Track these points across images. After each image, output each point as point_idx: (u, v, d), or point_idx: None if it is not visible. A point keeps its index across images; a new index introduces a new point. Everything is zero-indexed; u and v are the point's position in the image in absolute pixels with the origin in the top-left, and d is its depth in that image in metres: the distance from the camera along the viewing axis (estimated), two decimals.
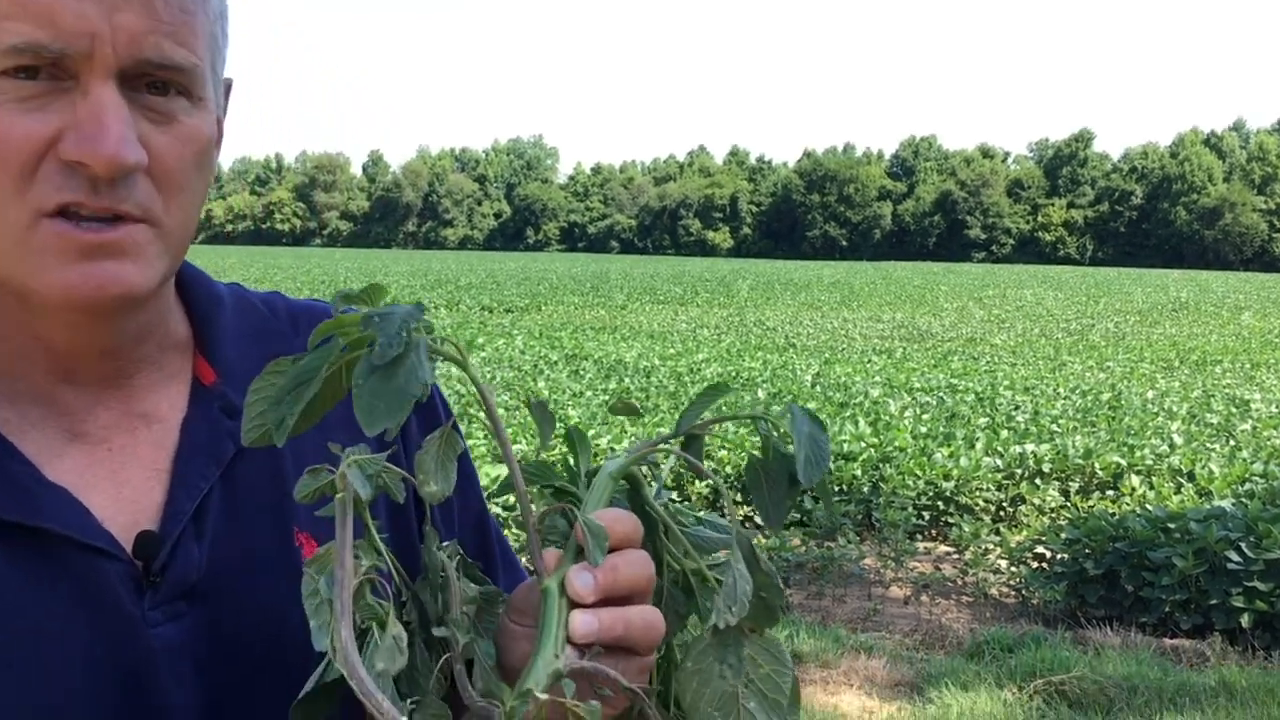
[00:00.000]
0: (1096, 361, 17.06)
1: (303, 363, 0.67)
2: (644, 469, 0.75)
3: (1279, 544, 5.83)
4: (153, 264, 0.78)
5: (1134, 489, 7.93)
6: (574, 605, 0.69)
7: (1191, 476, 8.30)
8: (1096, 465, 8.36)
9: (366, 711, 0.67)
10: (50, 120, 0.73)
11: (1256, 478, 8.06)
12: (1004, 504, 7.97)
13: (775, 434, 0.70)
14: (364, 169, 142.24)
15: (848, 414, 10.43)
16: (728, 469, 7.71)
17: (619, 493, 0.75)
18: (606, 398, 11.00)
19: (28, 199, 0.73)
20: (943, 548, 7.42)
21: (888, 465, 8.06)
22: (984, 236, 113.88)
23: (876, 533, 7.29)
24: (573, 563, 0.70)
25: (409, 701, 0.65)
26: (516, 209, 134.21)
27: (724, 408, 0.74)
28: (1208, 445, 9.39)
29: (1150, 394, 12.86)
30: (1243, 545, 5.87)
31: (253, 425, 0.70)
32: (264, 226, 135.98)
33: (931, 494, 7.78)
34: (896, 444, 8.75)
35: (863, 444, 8.65)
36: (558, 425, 0.71)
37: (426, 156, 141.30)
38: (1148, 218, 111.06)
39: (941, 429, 9.78)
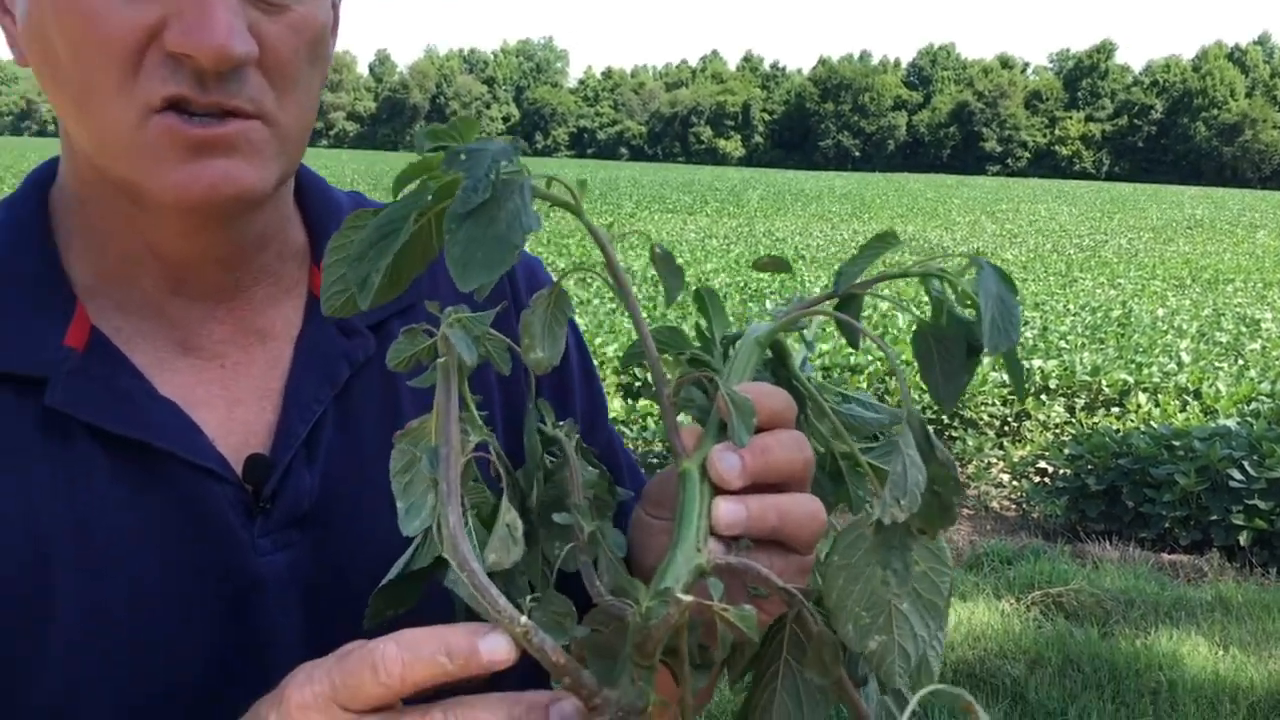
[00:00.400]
0: (1108, 278, 16.93)
1: (386, 212, 0.58)
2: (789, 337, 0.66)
3: None
4: (268, 164, 0.72)
5: (1140, 406, 7.93)
6: (718, 491, 0.60)
7: (1198, 395, 8.29)
8: (1103, 382, 8.33)
9: (459, 608, 0.60)
10: (152, 8, 0.68)
11: (1263, 397, 8.04)
12: (1008, 419, 7.96)
13: (951, 295, 0.60)
14: (370, 69, 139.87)
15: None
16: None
17: (761, 365, 0.65)
18: (613, 307, 10.89)
19: (134, 94, 0.68)
20: None
21: (893, 379, 8.02)
22: (999, 149, 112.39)
23: None
24: (715, 442, 0.61)
25: (528, 599, 0.57)
26: (525, 113, 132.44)
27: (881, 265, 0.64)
28: (1216, 364, 9.37)
29: (1160, 312, 12.78)
30: (1245, 464, 5.89)
31: (333, 291, 0.61)
32: None
33: (936, 408, 7.76)
34: (903, 358, 8.72)
35: (869, 358, 8.59)
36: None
37: (434, 57, 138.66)
38: (1167, 133, 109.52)
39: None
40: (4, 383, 0.73)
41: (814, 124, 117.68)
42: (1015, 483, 6.71)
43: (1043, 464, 6.70)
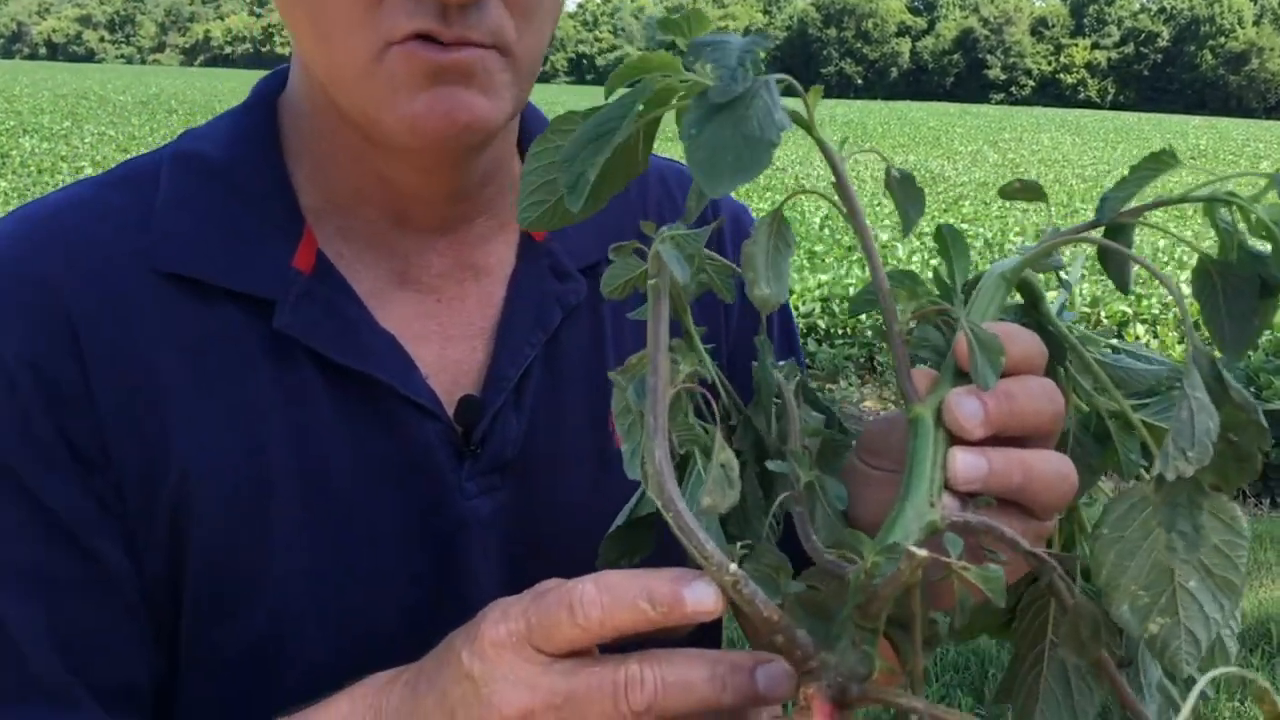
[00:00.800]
0: None
1: (602, 111, 0.52)
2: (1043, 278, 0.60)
3: (1279, 395, 5.86)
4: (502, 94, 0.69)
5: (1138, 338, 7.92)
6: (955, 441, 0.54)
7: (1197, 326, 8.28)
8: (1103, 313, 8.31)
9: (687, 554, 0.56)
10: None
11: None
12: None
13: (1242, 225, 0.52)
14: None
15: (854, 257, 10.29)
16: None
17: (1007, 310, 0.59)
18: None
19: (377, 26, 0.65)
20: None
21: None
22: (1004, 77, 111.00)
23: (878, 376, 7.29)
24: (952, 386, 0.55)
25: (739, 546, 0.52)
26: None
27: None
28: None
29: (1161, 243, 12.74)
30: None
31: (530, 201, 0.55)
32: (264, 50, 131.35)
33: None
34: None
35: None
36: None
37: None
38: (1173, 61, 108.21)
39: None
40: (233, 301, 0.71)
41: (816, 50, 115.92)
42: None
43: None
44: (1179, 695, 0.57)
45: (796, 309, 7.04)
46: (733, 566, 0.49)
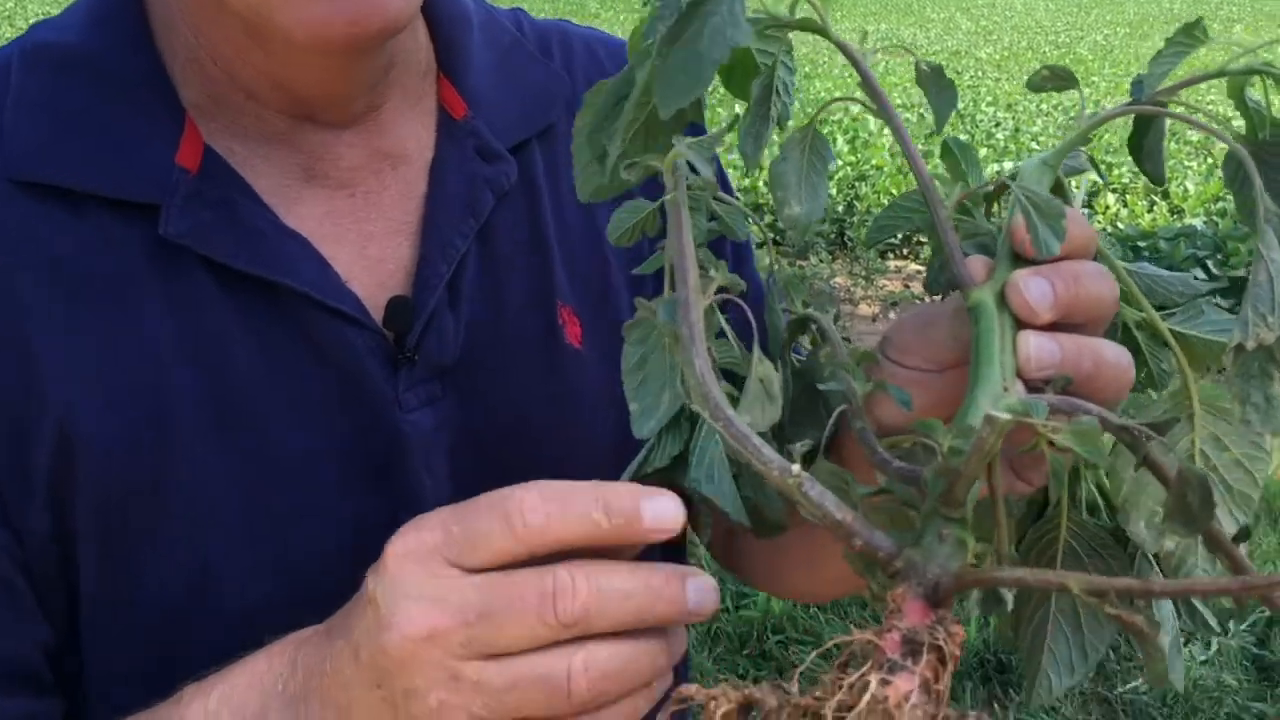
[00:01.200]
0: (1082, 76, 16.60)
1: (620, 75, 0.51)
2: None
3: (1246, 261, 5.94)
4: None
5: (1108, 207, 7.93)
6: (1020, 326, 0.52)
7: (1166, 195, 8.30)
8: (1072, 183, 8.32)
9: (705, 508, 0.54)
10: None
11: (1230, 196, 8.09)
12: None
13: (1277, 99, 0.50)
14: None
15: (825, 131, 10.12)
16: None
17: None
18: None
19: None
20: (913, 266, 7.46)
21: (864, 184, 7.96)
22: None
23: (849, 251, 7.29)
24: (1011, 269, 0.53)
25: (799, 445, 0.50)
26: None
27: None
28: (1185, 163, 9.35)
29: (1193, 136, 12.65)
30: (1209, 263, 5.96)
31: (584, 176, 0.54)
32: None
33: None
34: (873, 162, 8.61)
35: (839, 162, 8.47)
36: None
37: None
38: None
39: (921, 147, 9.59)
40: (108, 209, 0.63)
41: None
42: None
43: None
44: (1185, 622, 0.56)
45: (758, 189, 6.96)
46: (795, 467, 0.46)
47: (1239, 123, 0.58)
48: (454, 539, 0.48)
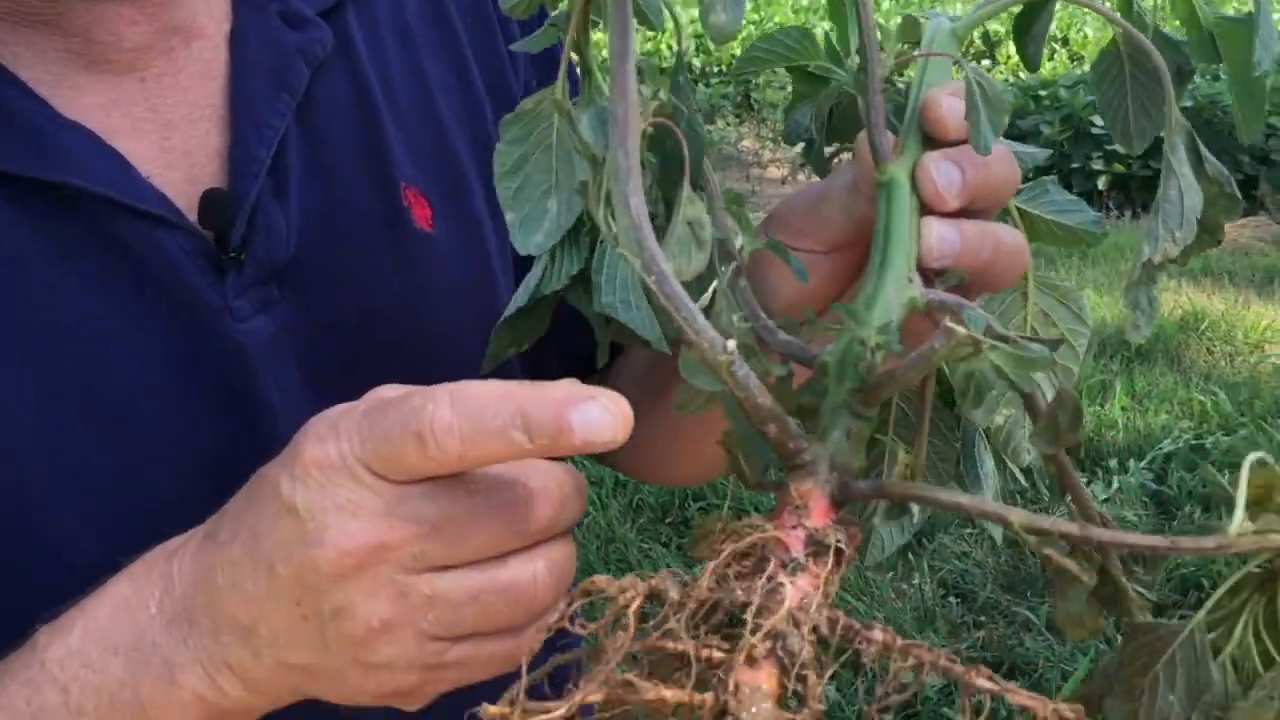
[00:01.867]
0: None
1: None
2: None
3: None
4: None
5: (1009, 57, 7.95)
6: (925, 211, 0.49)
7: (1065, 42, 8.34)
8: (974, 35, 8.31)
9: (603, 334, 0.51)
10: None
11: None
12: None
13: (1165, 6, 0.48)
14: None
15: None
16: None
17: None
18: None
19: None
20: None
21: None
22: None
23: (755, 114, 7.22)
24: (920, 150, 0.50)
25: (737, 318, 0.46)
26: None
27: None
28: (1084, 12, 9.39)
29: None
30: None
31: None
32: None
33: None
34: (776, 20, 8.49)
35: (744, 21, 8.33)
36: None
37: None
38: None
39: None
40: None
41: None
42: None
43: None
44: (1006, 483, 0.57)
45: (670, 48, 6.81)
46: (730, 344, 0.42)
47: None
48: (372, 453, 0.44)
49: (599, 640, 0.40)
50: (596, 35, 0.52)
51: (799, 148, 0.66)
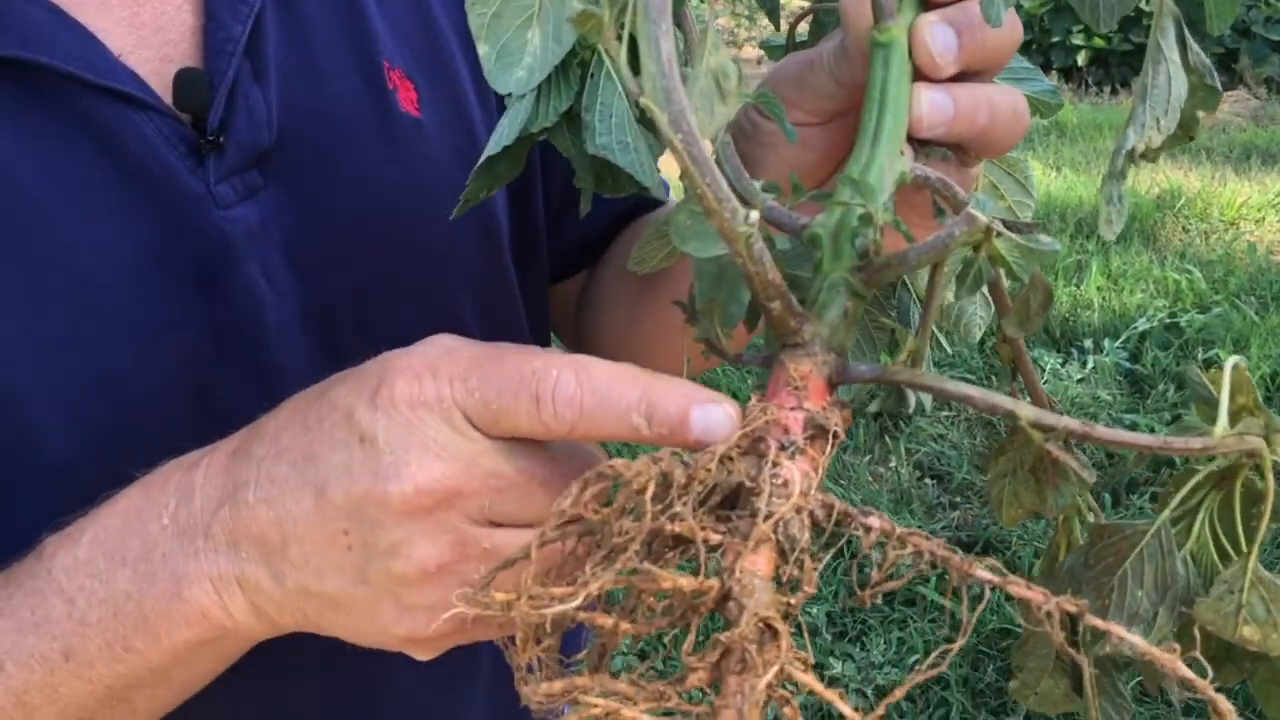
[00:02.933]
0: None
1: None
2: None
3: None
4: None
5: None
6: (917, 76, 0.46)
7: None
8: None
9: (586, 173, 0.48)
10: None
11: None
12: None
13: None
14: None
15: None
16: None
17: None
18: None
19: None
20: (798, 1, 7.30)
21: None
22: None
23: None
24: (915, 11, 0.46)
25: (760, 185, 0.43)
26: None
27: None
28: None
29: None
30: None
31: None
32: None
33: None
34: None
35: None
36: None
37: None
38: None
39: None
40: None
41: None
42: None
43: None
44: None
45: None
46: (753, 215, 0.39)
47: None
48: (477, 403, 0.42)
49: (610, 525, 0.38)
50: None
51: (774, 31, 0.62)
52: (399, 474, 0.42)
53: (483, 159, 0.47)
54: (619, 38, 0.40)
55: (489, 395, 0.42)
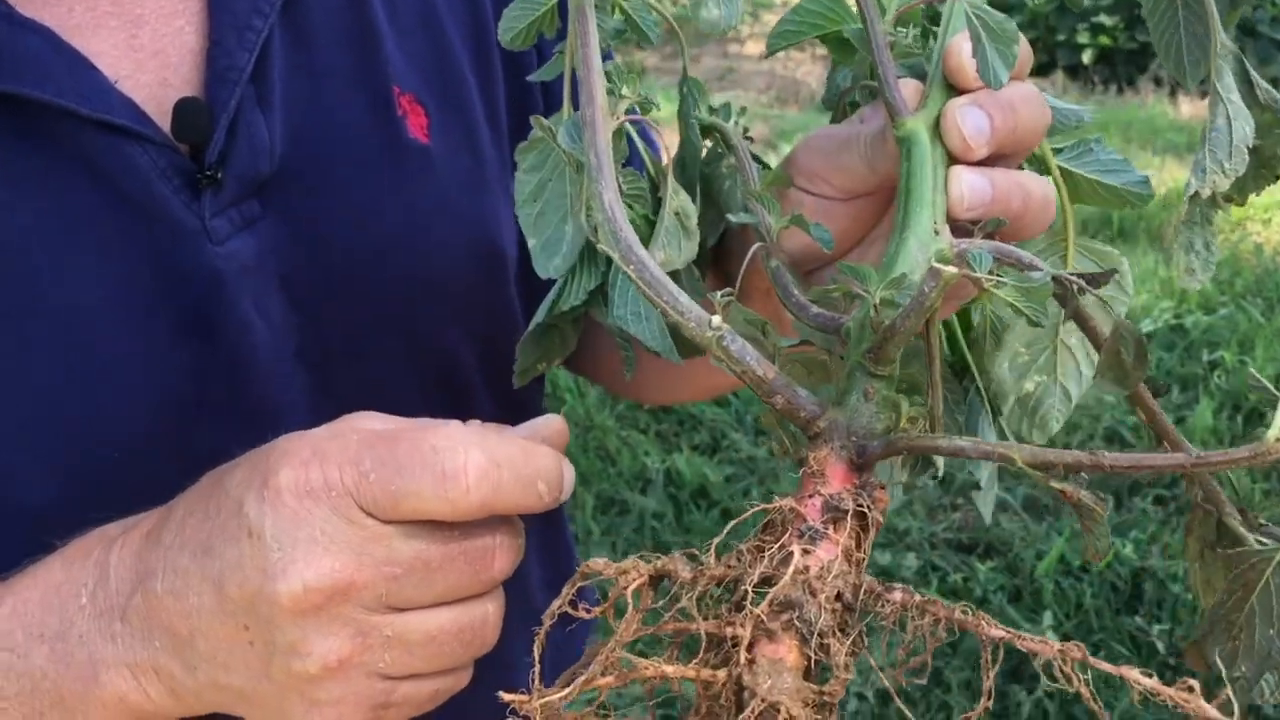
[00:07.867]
0: None
1: None
2: None
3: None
4: None
5: None
6: (952, 160, 0.47)
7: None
8: None
9: (619, 334, 0.50)
10: None
11: None
12: None
13: None
14: None
15: None
16: None
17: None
18: None
19: None
20: None
21: None
22: None
23: None
24: (945, 98, 0.48)
25: (720, 295, 0.46)
26: None
27: None
28: None
29: None
30: None
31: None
32: None
33: None
34: None
35: None
36: None
37: None
38: None
39: None
40: None
41: None
42: None
43: None
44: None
45: None
46: (715, 320, 0.42)
47: None
48: (371, 488, 0.42)
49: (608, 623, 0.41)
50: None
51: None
52: (285, 572, 0.42)
53: (526, 334, 0.53)
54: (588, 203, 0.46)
55: (386, 477, 0.42)
